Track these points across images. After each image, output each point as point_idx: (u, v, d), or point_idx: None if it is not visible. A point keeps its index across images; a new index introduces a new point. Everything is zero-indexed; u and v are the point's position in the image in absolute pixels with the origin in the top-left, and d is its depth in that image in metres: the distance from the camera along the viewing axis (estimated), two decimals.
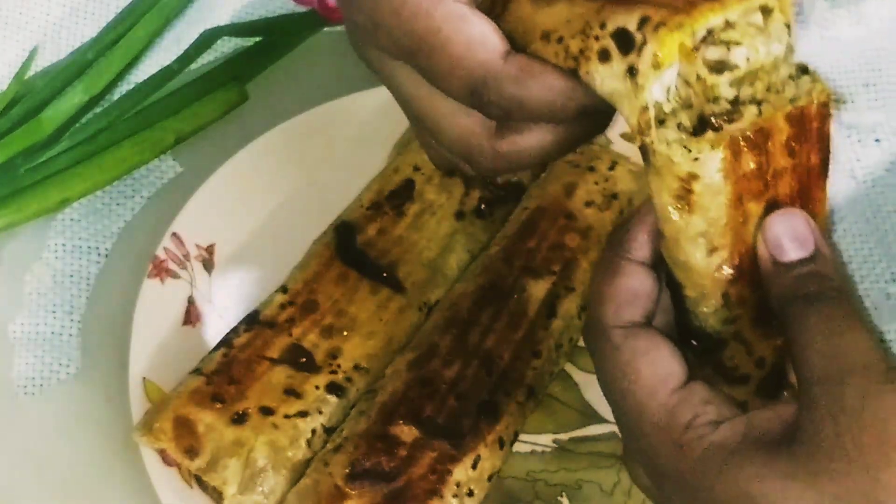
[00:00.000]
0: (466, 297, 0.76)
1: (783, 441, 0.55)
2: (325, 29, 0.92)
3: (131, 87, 0.89)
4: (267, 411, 0.72)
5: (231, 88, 0.88)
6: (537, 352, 0.74)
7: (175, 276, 0.79)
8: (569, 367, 0.78)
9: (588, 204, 0.79)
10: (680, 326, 0.60)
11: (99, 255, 0.85)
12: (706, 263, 0.56)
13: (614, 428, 0.77)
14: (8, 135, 0.84)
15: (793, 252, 0.57)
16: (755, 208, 0.56)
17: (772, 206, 0.57)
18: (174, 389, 0.73)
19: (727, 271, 0.57)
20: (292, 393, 0.72)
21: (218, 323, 0.78)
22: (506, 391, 0.72)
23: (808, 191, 0.59)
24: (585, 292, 0.76)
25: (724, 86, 0.54)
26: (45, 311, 0.83)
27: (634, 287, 0.58)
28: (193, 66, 0.90)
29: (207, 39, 0.90)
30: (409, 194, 0.79)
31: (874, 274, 0.82)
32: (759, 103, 0.55)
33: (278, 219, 0.83)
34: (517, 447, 0.75)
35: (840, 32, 0.93)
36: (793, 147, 0.57)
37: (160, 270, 0.79)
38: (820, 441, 0.53)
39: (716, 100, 0.54)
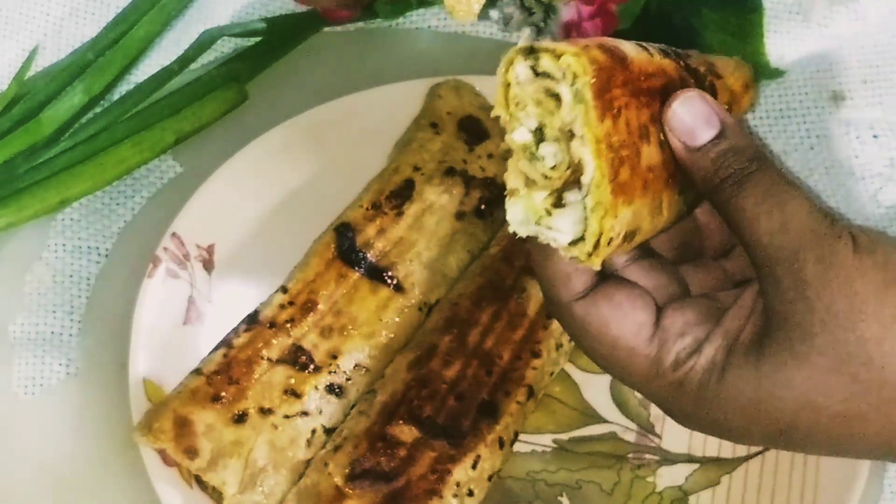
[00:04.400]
0: (466, 297, 0.76)
1: (763, 333, 0.56)
2: (325, 29, 0.92)
3: (131, 87, 0.89)
4: (267, 411, 0.72)
5: (231, 88, 0.88)
6: (537, 352, 0.74)
7: (175, 276, 0.79)
8: (569, 367, 0.78)
9: None
10: None
11: (99, 255, 0.85)
12: None
13: (614, 428, 0.77)
14: (8, 135, 0.84)
15: (703, 133, 0.57)
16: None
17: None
18: (174, 389, 0.73)
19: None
20: (292, 393, 0.72)
21: (218, 323, 0.78)
22: (506, 391, 0.72)
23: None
24: None
25: None
26: (45, 311, 0.83)
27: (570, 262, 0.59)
28: (193, 66, 0.90)
29: (207, 39, 0.90)
30: (409, 194, 0.79)
31: None
32: None
33: (278, 219, 0.83)
34: (517, 447, 0.75)
35: (839, 29, 0.93)
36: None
37: (160, 270, 0.79)
38: (796, 321, 0.54)
39: None
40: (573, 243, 0.56)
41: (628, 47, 0.57)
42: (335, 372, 0.74)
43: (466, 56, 0.92)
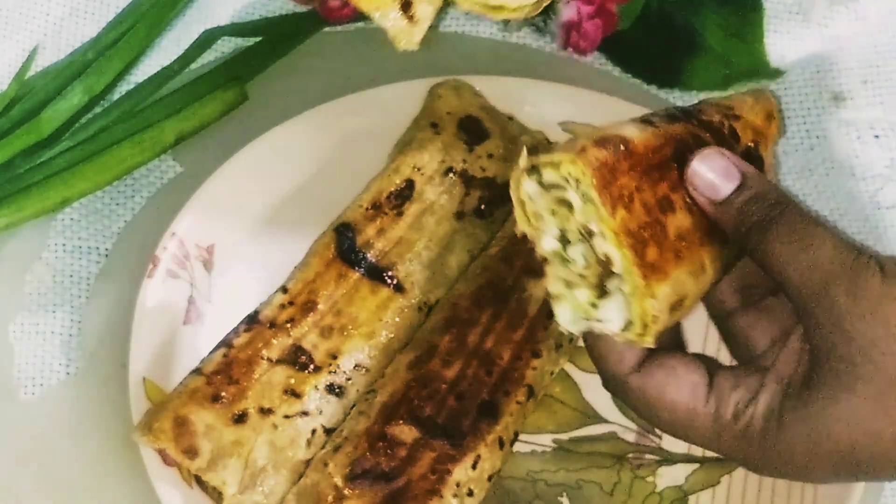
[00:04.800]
0: (466, 297, 0.76)
1: (811, 371, 0.57)
2: (325, 29, 0.92)
3: (131, 87, 0.89)
4: (267, 411, 0.72)
5: (231, 88, 0.88)
6: (537, 352, 0.74)
7: (175, 275, 0.79)
8: (569, 367, 0.78)
9: None
10: None
11: (99, 255, 0.85)
12: None
13: (614, 428, 0.77)
14: (8, 135, 0.84)
15: (725, 186, 0.59)
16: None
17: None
18: (174, 389, 0.73)
19: None
20: (292, 393, 0.72)
21: (218, 323, 0.78)
22: (506, 391, 0.72)
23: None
24: None
25: None
26: (45, 311, 0.83)
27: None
28: (193, 66, 0.90)
29: (207, 39, 0.90)
30: (409, 194, 0.79)
31: None
32: None
33: (278, 219, 0.83)
34: (517, 447, 0.75)
35: (839, 29, 0.93)
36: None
37: (160, 270, 0.79)
38: (838, 353, 0.56)
39: None
40: (624, 329, 0.59)
41: (630, 129, 0.59)
42: (335, 372, 0.74)
43: (466, 56, 0.92)
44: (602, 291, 0.60)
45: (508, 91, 0.84)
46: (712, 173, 0.60)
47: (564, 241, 0.60)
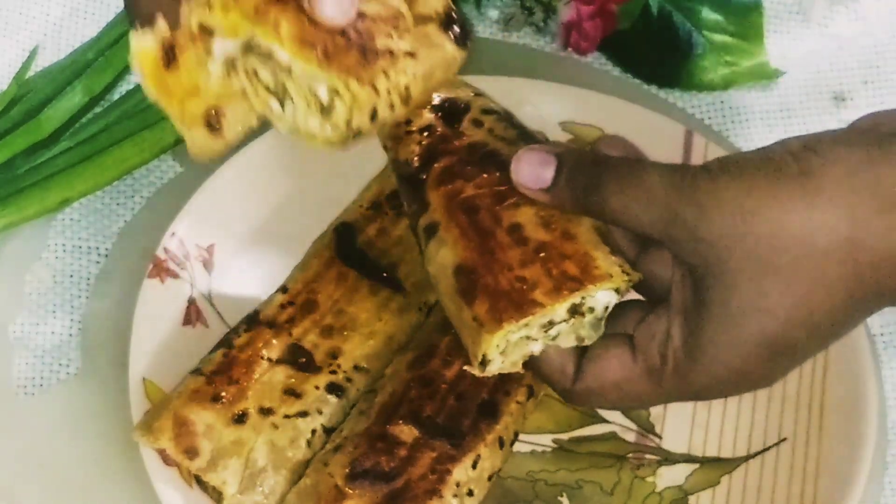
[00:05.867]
0: None
1: (697, 290, 0.58)
2: None
3: (131, 87, 0.89)
4: (267, 411, 0.72)
5: None
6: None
7: (175, 276, 0.79)
8: None
9: None
10: None
11: (99, 255, 0.85)
12: None
13: (614, 428, 0.77)
14: (8, 135, 0.84)
15: (547, 172, 0.61)
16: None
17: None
18: (174, 389, 0.73)
19: None
20: (292, 393, 0.72)
21: (218, 323, 0.78)
22: (505, 391, 0.72)
23: None
24: None
25: None
26: (45, 311, 0.83)
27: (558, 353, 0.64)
28: None
29: None
30: None
31: None
32: None
33: (278, 219, 0.83)
34: (517, 447, 0.75)
35: (839, 30, 0.93)
36: None
37: (160, 270, 0.79)
38: (710, 262, 0.57)
39: None
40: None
41: None
42: (335, 372, 0.74)
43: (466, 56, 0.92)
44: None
45: (508, 91, 0.84)
46: (530, 167, 0.62)
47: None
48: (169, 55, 0.59)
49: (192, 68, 0.59)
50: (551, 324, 0.62)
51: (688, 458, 0.76)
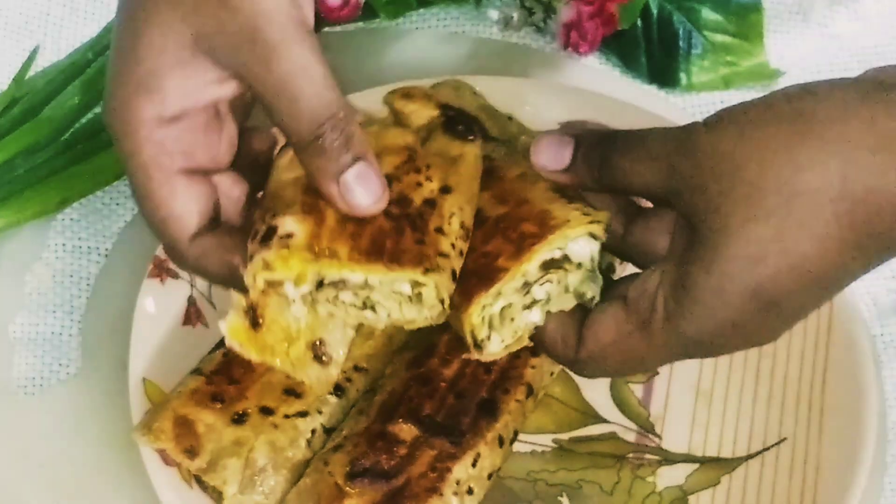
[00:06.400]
0: None
1: (691, 237, 0.57)
2: (325, 29, 0.92)
3: None
4: (267, 411, 0.71)
5: None
6: (536, 350, 0.74)
7: (175, 276, 0.79)
8: None
9: None
10: None
11: (99, 255, 0.85)
12: None
13: (614, 428, 0.77)
14: (8, 135, 0.84)
15: (565, 152, 0.62)
16: None
17: None
18: (174, 389, 0.73)
19: None
20: (292, 393, 0.72)
21: (218, 323, 0.78)
22: (505, 389, 0.72)
23: None
24: None
25: None
26: (45, 311, 0.83)
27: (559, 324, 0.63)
28: None
29: None
30: None
31: (875, 270, 0.82)
32: None
33: None
34: (517, 447, 0.75)
35: (839, 29, 0.93)
36: None
37: (160, 270, 0.79)
38: (702, 209, 0.56)
39: None
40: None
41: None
42: None
43: (466, 56, 0.92)
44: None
45: (508, 91, 0.84)
46: (549, 150, 0.62)
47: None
48: (253, 318, 0.61)
49: (277, 319, 0.61)
50: (528, 285, 0.61)
51: (688, 458, 0.76)
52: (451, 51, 0.92)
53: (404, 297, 0.61)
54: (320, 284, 0.60)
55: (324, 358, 0.63)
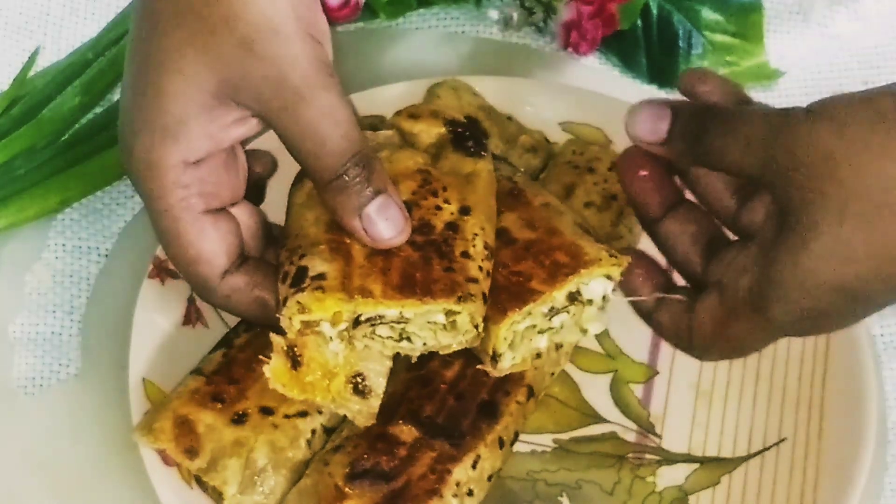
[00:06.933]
0: None
1: (782, 225, 0.58)
2: None
3: None
4: (267, 411, 0.71)
5: None
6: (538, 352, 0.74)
7: (175, 276, 0.79)
8: (569, 367, 0.78)
9: (587, 205, 0.79)
10: None
11: (99, 255, 0.85)
12: None
13: (614, 428, 0.77)
14: (8, 135, 0.84)
15: (662, 124, 0.62)
16: None
17: None
18: (174, 389, 0.73)
19: None
20: None
21: (218, 323, 0.78)
22: (505, 391, 0.72)
23: None
24: None
25: None
26: (45, 311, 0.83)
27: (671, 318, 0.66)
28: None
29: None
30: None
31: None
32: None
33: (279, 219, 0.82)
34: (517, 447, 0.75)
35: (839, 30, 0.93)
36: None
37: (160, 271, 0.79)
38: (795, 200, 0.57)
39: None
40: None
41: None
42: None
43: (466, 56, 0.92)
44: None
45: (508, 91, 0.84)
46: (646, 121, 0.63)
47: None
48: (293, 359, 0.63)
49: (315, 357, 0.63)
50: (553, 311, 0.64)
51: (688, 458, 0.76)
52: (451, 51, 0.92)
53: (439, 326, 0.63)
54: (356, 321, 0.62)
55: (364, 391, 0.65)
